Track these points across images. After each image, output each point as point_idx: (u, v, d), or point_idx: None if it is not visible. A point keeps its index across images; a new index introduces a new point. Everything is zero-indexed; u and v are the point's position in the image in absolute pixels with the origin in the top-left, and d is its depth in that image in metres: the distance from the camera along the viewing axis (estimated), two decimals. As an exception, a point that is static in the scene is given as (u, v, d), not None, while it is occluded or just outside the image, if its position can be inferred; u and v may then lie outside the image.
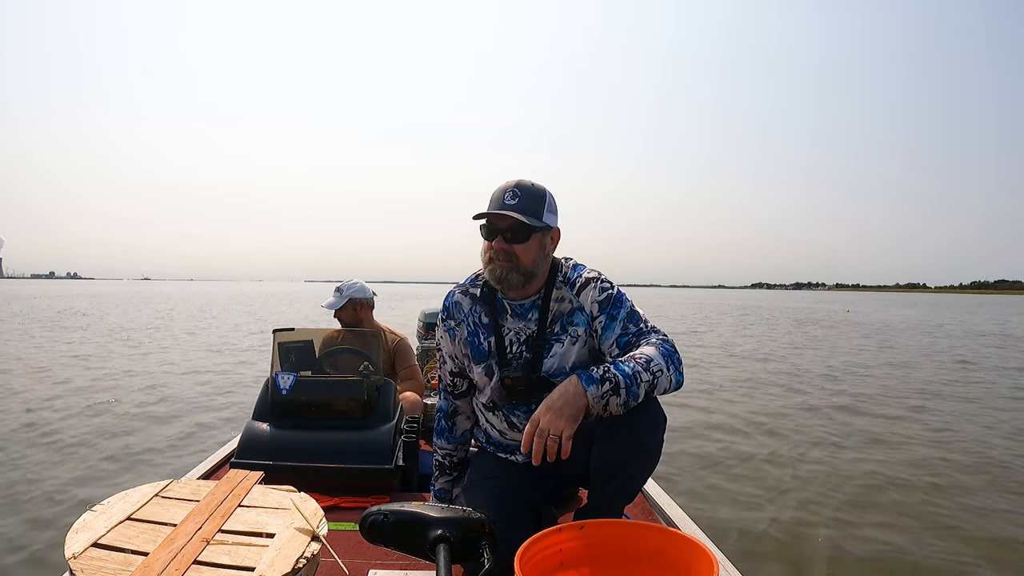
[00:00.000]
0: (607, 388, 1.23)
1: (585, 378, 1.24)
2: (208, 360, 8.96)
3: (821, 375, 8.34)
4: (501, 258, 1.43)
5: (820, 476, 3.79)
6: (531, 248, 1.43)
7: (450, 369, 1.63)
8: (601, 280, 1.48)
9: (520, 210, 1.40)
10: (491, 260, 1.44)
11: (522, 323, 1.50)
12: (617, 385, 1.23)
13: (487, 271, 1.47)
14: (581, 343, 1.47)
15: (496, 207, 1.41)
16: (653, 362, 1.29)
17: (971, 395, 6.85)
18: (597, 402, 1.23)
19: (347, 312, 2.87)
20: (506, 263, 1.42)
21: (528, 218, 1.39)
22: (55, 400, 5.65)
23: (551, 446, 1.17)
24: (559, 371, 1.46)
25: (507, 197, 1.41)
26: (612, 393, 1.23)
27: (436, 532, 0.91)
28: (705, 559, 0.97)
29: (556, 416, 1.19)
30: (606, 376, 1.24)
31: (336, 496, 1.89)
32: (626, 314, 1.43)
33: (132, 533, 1.12)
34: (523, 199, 1.41)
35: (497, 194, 1.44)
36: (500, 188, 1.44)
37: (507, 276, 1.43)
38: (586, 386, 1.23)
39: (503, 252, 1.42)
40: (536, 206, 1.42)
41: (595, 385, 1.23)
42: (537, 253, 1.45)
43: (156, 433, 4.56)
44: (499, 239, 1.42)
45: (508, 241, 1.42)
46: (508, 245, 1.42)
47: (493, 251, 1.43)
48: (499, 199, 1.42)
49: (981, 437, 4.81)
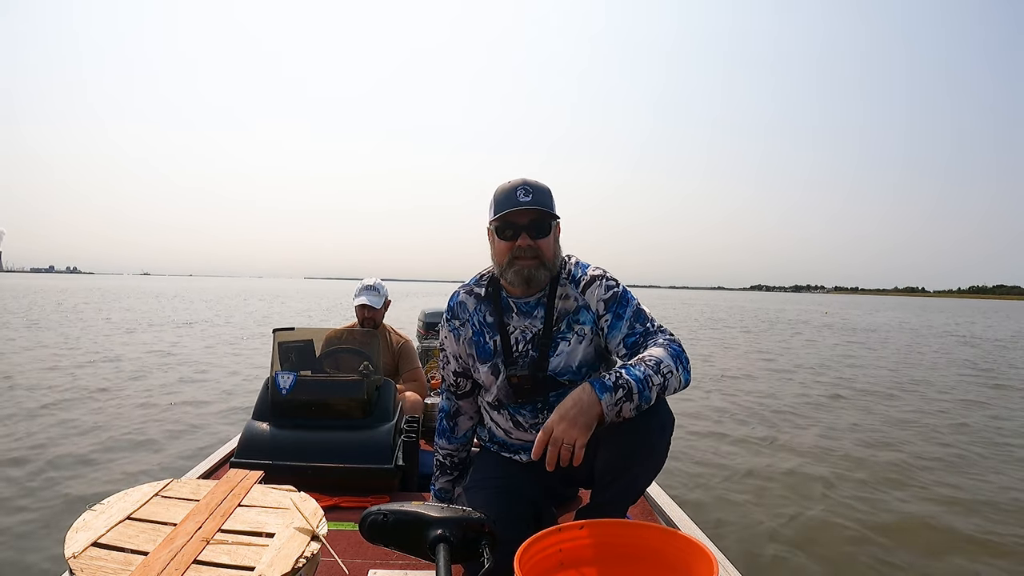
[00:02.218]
0: (620, 395, 1.22)
1: (598, 386, 1.22)
2: (208, 360, 8.96)
3: (794, 367, 8.37)
4: (528, 255, 1.42)
5: (820, 475, 3.79)
6: (551, 241, 1.44)
7: (454, 369, 1.62)
8: (606, 278, 1.47)
9: (536, 205, 1.40)
10: (514, 260, 1.43)
11: (528, 321, 1.49)
12: (630, 391, 1.22)
13: (511, 273, 1.45)
14: (587, 341, 1.46)
15: (511, 206, 1.40)
16: (663, 364, 1.28)
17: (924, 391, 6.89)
18: (611, 409, 1.22)
19: (379, 313, 2.89)
20: (533, 260, 1.42)
21: (548, 208, 1.41)
22: (55, 400, 5.65)
23: (564, 454, 1.17)
24: (565, 370, 1.46)
25: (520, 194, 1.40)
26: (625, 399, 1.22)
27: (436, 532, 0.91)
28: (705, 559, 0.97)
29: (570, 425, 1.18)
30: (619, 383, 1.23)
31: (336, 496, 1.89)
32: (632, 313, 1.42)
33: (132, 532, 1.12)
34: (536, 195, 1.41)
35: (507, 194, 1.42)
36: (507, 188, 1.43)
37: (535, 274, 1.43)
38: (600, 394, 1.21)
39: (530, 249, 1.41)
40: (548, 200, 1.43)
41: (609, 393, 1.21)
42: (555, 246, 1.46)
43: (156, 432, 4.56)
44: (523, 235, 1.41)
45: (534, 237, 1.42)
46: (534, 241, 1.42)
47: (518, 248, 1.42)
48: (512, 197, 1.41)
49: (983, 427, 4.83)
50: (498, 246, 1.46)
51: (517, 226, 1.42)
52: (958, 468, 4.02)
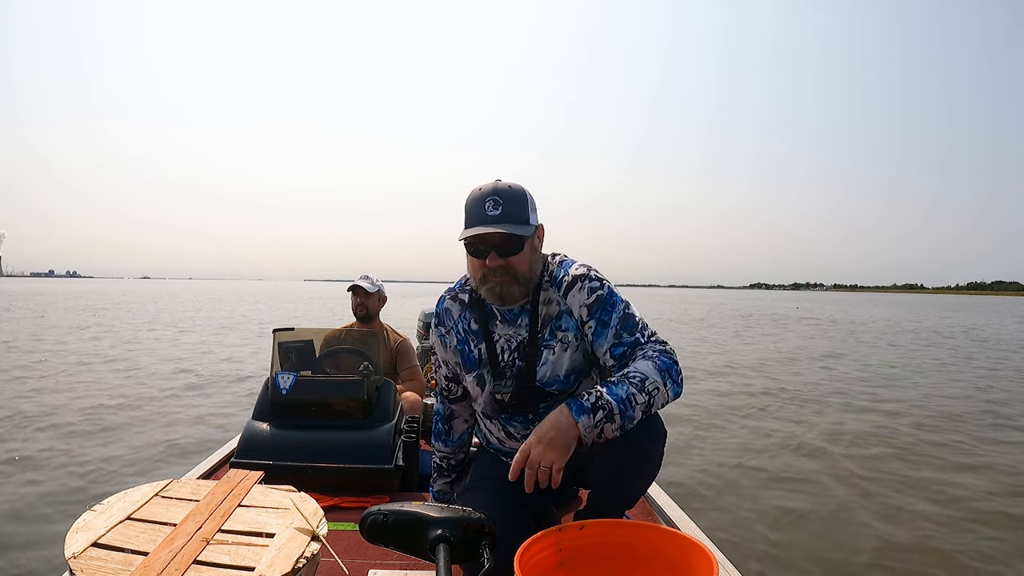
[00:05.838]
0: (600, 416, 1.18)
1: (576, 408, 1.18)
2: (208, 359, 8.96)
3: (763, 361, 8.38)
4: (498, 275, 1.33)
5: (819, 476, 3.79)
6: (525, 256, 1.34)
7: (445, 374, 1.59)
8: (589, 278, 1.37)
9: (506, 219, 1.30)
10: (485, 278, 1.35)
11: (512, 329, 1.42)
12: (611, 412, 1.18)
13: (483, 290, 1.38)
14: (573, 348, 1.39)
15: (478, 221, 1.30)
16: (648, 380, 1.22)
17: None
18: (589, 431, 1.18)
19: (372, 300, 2.92)
20: (504, 279, 1.33)
21: (518, 227, 1.30)
22: (55, 399, 5.65)
23: (541, 477, 1.15)
24: (553, 380, 1.39)
25: (488, 208, 1.30)
26: (606, 420, 1.18)
27: (436, 532, 0.91)
28: (705, 559, 0.98)
29: (547, 448, 1.15)
30: (599, 404, 1.18)
31: (336, 496, 1.89)
32: (619, 319, 1.33)
33: (132, 533, 1.12)
34: (506, 206, 1.30)
35: (475, 206, 1.32)
36: (475, 198, 1.32)
37: (508, 291, 1.35)
38: (576, 417, 1.17)
39: (499, 269, 1.32)
40: (520, 211, 1.32)
41: (587, 415, 1.17)
42: (532, 258, 1.36)
43: (156, 432, 4.56)
44: (492, 255, 1.31)
45: (502, 255, 1.32)
46: (503, 260, 1.32)
47: (487, 269, 1.33)
48: (479, 212, 1.31)
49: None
50: (470, 262, 1.38)
51: (486, 244, 1.32)
52: (966, 453, 4.03)
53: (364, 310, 2.91)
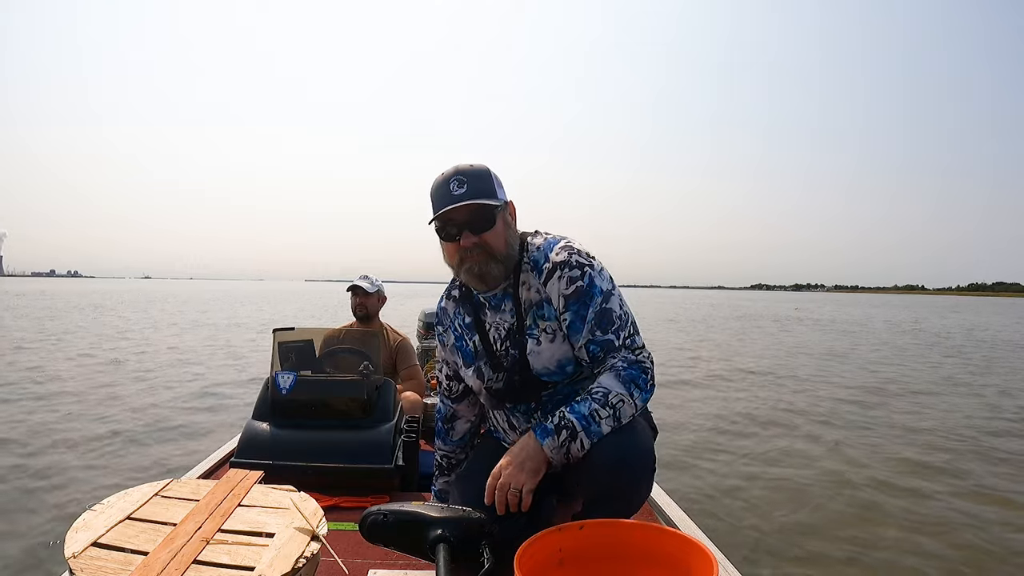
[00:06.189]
0: (564, 436, 1.19)
1: (540, 432, 1.21)
2: (208, 358, 8.96)
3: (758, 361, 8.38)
4: (475, 254, 1.31)
5: (820, 476, 3.79)
6: (499, 232, 1.32)
7: (446, 373, 1.59)
8: (570, 266, 1.31)
9: (473, 195, 1.27)
10: (462, 260, 1.33)
11: (499, 316, 1.40)
12: (573, 431, 1.19)
13: (463, 274, 1.36)
14: (560, 339, 1.34)
15: (446, 203, 1.28)
16: (612, 394, 1.22)
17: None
18: (555, 452, 1.19)
19: (371, 300, 2.93)
20: (481, 256, 1.31)
21: (488, 199, 1.29)
22: (54, 399, 5.66)
23: (511, 499, 1.17)
24: (545, 370, 1.36)
25: (454, 187, 1.28)
26: (570, 439, 1.19)
27: (436, 532, 0.91)
28: (705, 559, 0.97)
29: (517, 470, 1.18)
30: (561, 424, 1.20)
31: (336, 496, 1.89)
32: (595, 315, 1.29)
33: (132, 532, 1.12)
34: (471, 183, 1.28)
35: (440, 189, 1.30)
36: (439, 182, 1.30)
37: (487, 270, 1.32)
38: (541, 440, 1.20)
39: (475, 246, 1.30)
40: (487, 187, 1.30)
41: (551, 437, 1.19)
42: (507, 233, 1.34)
43: (156, 432, 4.56)
44: (465, 234, 1.29)
45: (476, 232, 1.29)
46: (478, 236, 1.30)
47: (463, 249, 1.31)
48: (445, 193, 1.29)
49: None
50: (444, 248, 1.36)
51: (457, 223, 1.29)
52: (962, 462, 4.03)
53: (363, 310, 2.91)
